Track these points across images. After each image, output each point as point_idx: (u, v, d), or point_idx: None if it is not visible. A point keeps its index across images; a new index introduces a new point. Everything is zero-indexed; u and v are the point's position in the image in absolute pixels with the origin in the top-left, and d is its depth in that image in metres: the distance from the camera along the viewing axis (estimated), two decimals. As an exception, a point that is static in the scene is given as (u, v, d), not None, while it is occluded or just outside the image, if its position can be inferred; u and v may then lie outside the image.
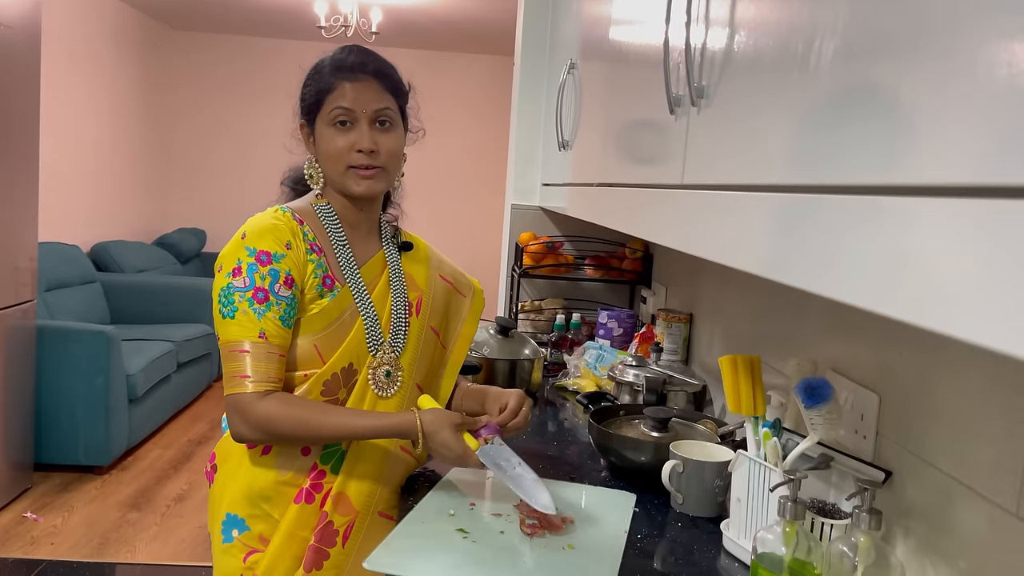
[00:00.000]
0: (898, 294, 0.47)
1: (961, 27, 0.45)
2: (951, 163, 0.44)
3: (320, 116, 1.31)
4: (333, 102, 1.29)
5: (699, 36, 0.94)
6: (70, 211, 5.06)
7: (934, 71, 0.47)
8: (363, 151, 1.29)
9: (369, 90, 1.30)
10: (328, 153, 1.31)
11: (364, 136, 1.29)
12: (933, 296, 0.43)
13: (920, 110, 0.48)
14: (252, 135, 6.61)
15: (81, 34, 5.14)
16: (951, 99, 0.45)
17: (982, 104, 0.42)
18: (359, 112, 1.29)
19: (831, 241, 0.56)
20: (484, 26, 5.72)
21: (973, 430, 0.96)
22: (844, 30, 0.60)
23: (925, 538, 1.04)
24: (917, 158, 0.47)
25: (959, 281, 0.41)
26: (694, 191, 0.90)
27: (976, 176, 0.41)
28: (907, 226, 0.47)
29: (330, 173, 1.33)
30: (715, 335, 2.00)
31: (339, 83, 1.30)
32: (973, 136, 0.42)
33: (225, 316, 1.23)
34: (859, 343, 1.25)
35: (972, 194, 0.41)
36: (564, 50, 2.34)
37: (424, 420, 1.26)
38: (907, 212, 0.47)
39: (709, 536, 1.30)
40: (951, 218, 0.43)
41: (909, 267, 0.46)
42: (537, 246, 2.71)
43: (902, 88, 0.51)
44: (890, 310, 0.47)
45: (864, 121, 0.55)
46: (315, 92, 1.32)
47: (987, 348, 0.39)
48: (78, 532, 3.22)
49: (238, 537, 1.30)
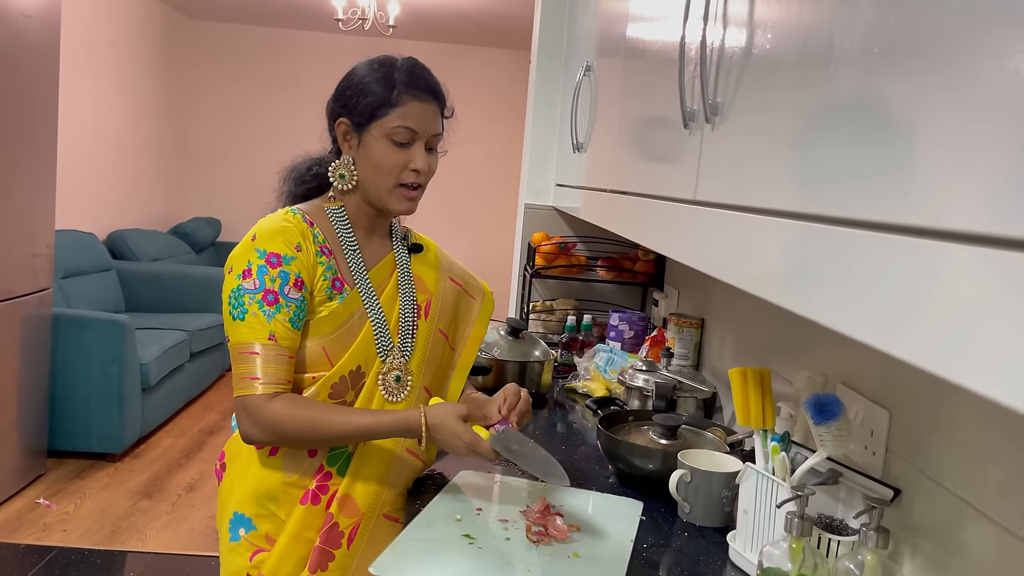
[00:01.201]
0: (907, 335, 0.46)
1: (984, 68, 0.45)
2: (968, 209, 0.43)
3: (376, 125, 1.28)
4: (399, 119, 1.28)
5: (715, 48, 0.93)
6: (87, 199, 5.10)
7: (956, 107, 0.47)
8: (418, 171, 1.30)
9: (432, 114, 1.31)
10: (380, 166, 1.29)
11: (421, 158, 1.29)
12: (942, 342, 0.43)
13: (941, 150, 0.47)
14: (269, 125, 6.63)
15: (100, 23, 5.17)
16: (972, 141, 0.44)
17: (1005, 149, 0.41)
18: (421, 134, 1.29)
19: (842, 275, 0.55)
20: (501, 20, 5.71)
21: (983, 451, 0.96)
22: (862, 55, 0.59)
23: (932, 558, 1.04)
24: (935, 199, 0.47)
25: (971, 330, 0.41)
26: (706, 208, 0.90)
27: (994, 225, 0.41)
28: (922, 269, 0.46)
29: (372, 184, 1.31)
30: (726, 341, 2.00)
31: (409, 100, 1.28)
32: (991, 182, 0.42)
33: (235, 318, 1.24)
34: (871, 357, 1.24)
35: (991, 243, 0.40)
36: (581, 49, 2.33)
37: (429, 413, 1.26)
38: (923, 254, 0.46)
39: (715, 547, 1.30)
40: (968, 265, 0.42)
41: (921, 310, 0.46)
42: (549, 246, 2.71)
43: (924, 124, 0.50)
44: (898, 351, 0.47)
45: (882, 155, 0.54)
46: (379, 99, 1.28)
47: (994, 400, 0.38)
48: (90, 519, 3.25)
49: (245, 536, 1.31)
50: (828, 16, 0.65)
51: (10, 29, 3.07)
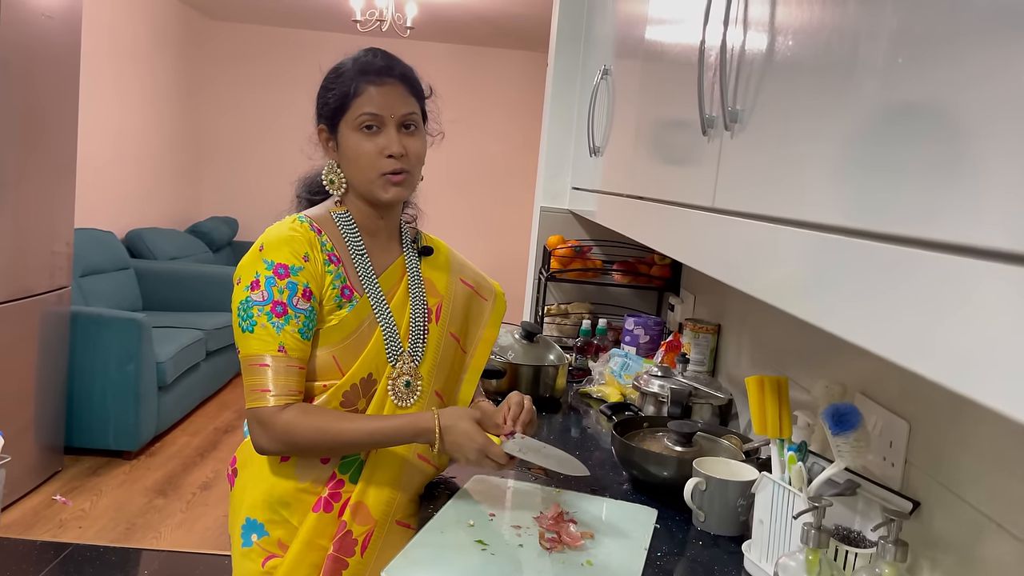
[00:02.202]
0: (931, 353, 0.45)
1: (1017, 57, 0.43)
2: (999, 225, 0.42)
3: (345, 121, 1.29)
4: (360, 107, 1.27)
5: (735, 53, 0.92)
6: (106, 198, 5.14)
7: (992, 114, 0.45)
8: (393, 155, 1.28)
9: (395, 94, 1.29)
10: (356, 159, 1.29)
11: (393, 140, 1.28)
12: (967, 361, 0.42)
13: (973, 164, 0.46)
14: (286, 126, 6.64)
15: (121, 24, 5.21)
16: (1005, 153, 0.43)
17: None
18: (387, 117, 1.28)
19: (864, 290, 0.54)
20: (519, 21, 5.70)
21: (1005, 464, 0.94)
22: (887, 60, 0.58)
23: (951, 572, 1.02)
24: (966, 214, 0.45)
25: (997, 348, 0.40)
26: (724, 216, 0.89)
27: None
28: (948, 285, 0.45)
29: (356, 179, 1.31)
30: (743, 347, 1.98)
31: (365, 87, 1.28)
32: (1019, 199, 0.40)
33: (245, 330, 1.24)
34: (890, 366, 1.21)
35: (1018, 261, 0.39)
36: (598, 52, 2.32)
37: (442, 415, 1.26)
38: (950, 270, 0.45)
39: (730, 556, 1.29)
40: (999, 285, 0.41)
41: (945, 327, 0.44)
42: (565, 250, 2.70)
43: (956, 135, 0.48)
44: (924, 369, 0.46)
45: (909, 167, 0.53)
46: (339, 96, 1.29)
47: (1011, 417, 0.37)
48: (105, 516, 3.27)
49: (257, 541, 1.31)
50: (852, 22, 0.64)
51: (32, 29, 3.09)
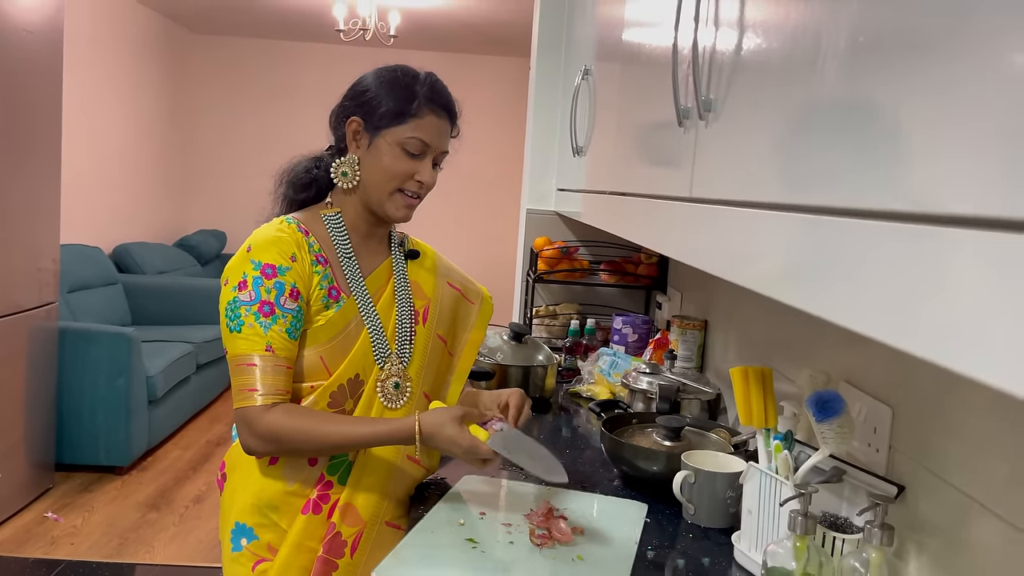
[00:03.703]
0: (915, 328, 0.46)
1: (966, 50, 0.44)
2: (966, 192, 0.42)
3: (391, 132, 1.29)
4: (415, 130, 1.29)
5: (707, 48, 0.93)
6: (92, 213, 5.12)
7: (938, 88, 0.46)
8: (423, 183, 1.32)
9: (445, 132, 1.34)
10: (386, 171, 1.30)
11: (428, 171, 1.32)
12: (950, 333, 0.42)
13: (932, 136, 0.47)
14: (272, 137, 6.65)
15: (102, 38, 5.20)
16: (960, 121, 0.44)
17: (992, 129, 0.40)
18: (433, 149, 1.32)
19: (845, 267, 0.54)
20: (502, 28, 5.73)
21: (987, 446, 0.95)
22: (851, 42, 0.59)
23: (938, 555, 1.03)
24: (933, 184, 0.46)
25: (977, 319, 0.40)
26: (702, 205, 0.90)
27: (992, 208, 0.40)
28: (925, 257, 0.45)
29: (374, 186, 1.32)
30: (730, 342, 1.99)
31: (427, 114, 1.30)
32: (982, 164, 0.41)
33: (232, 330, 1.24)
34: (874, 354, 1.23)
35: (992, 226, 0.40)
36: (579, 54, 2.33)
37: (423, 421, 1.25)
38: (925, 242, 0.45)
39: (720, 548, 1.29)
40: (970, 252, 0.41)
41: (927, 301, 0.45)
42: (552, 251, 2.71)
43: (912, 115, 0.49)
44: (905, 344, 0.46)
45: (874, 141, 0.54)
46: (397, 107, 1.29)
47: (997, 388, 0.38)
48: (98, 532, 3.25)
49: (247, 546, 1.31)
50: (815, 15, 0.65)
51: (12, 44, 3.09)
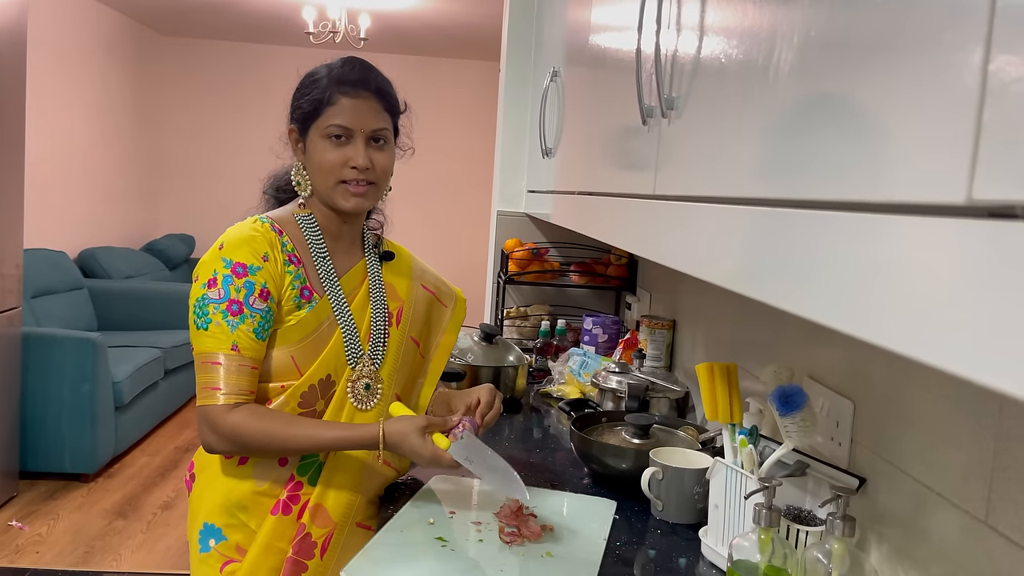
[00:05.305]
0: (867, 315, 0.47)
1: (922, 41, 0.46)
2: (915, 180, 0.44)
3: (315, 127, 1.29)
4: (331, 117, 1.28)
5: (669, 47, 0.95)
6: (57, 217, 5.04)
7: (895, 81, 0.48)
8: (357, 168, 1.28)
9: (368, 108, 1.29)
10: (320, 166, 1.29)
11: (359, 153, 1.28)
12: (902, 319, 0.43)
13: (883, 123, 0.48)
14: (241, 140, 6.60)
15: (68, 39, 5.12)
16: (915, 114, 0.45)
17: (947, 119, 0.42)
18: (356, 130, 1.28)
19: (799, 257, 0.56)
20: (473, 31, 5.73)
21: (944, 437, 0.97)
22: (803, 43, 0.60)
23: (898, 545, 1.05)
24: (883, 174, 0.47)
25: (928, 304, 0.42)
26: (666, 202, 0.91)
27: (941, 195, 0.41)
28: (877, 245, 0.46)
29: (319, 184, 1.31)
30: (697, 341, 2.01)
31: (338, 98, 1.28)
32: (938, 152, 0.42)
33: (199, 327, 1.23)
34: (835, 350, 1.25)
35: (941, 213, 0.41)
36: (549, 56, 2.35)
37: (387, 431, 1.24)
38: (877, 230, 0.47)
39: (688, 543, 1.31)
40: (921, 238, 0.43)
41: (878, 288, 0.46)
42: (522, 252, 2.72)
43: (865, 100, 0.51)
44: (859, 331, 0.47)
45: (827, 133, 0.55)
46: (312, 102, 1.29)
47: (951, 373, 0.39)
48: (64, 540, 3.20)
49: (215, 547, 1.30)
50: (769, 17, 0.67)
51: (-26, 46, 3.04)
